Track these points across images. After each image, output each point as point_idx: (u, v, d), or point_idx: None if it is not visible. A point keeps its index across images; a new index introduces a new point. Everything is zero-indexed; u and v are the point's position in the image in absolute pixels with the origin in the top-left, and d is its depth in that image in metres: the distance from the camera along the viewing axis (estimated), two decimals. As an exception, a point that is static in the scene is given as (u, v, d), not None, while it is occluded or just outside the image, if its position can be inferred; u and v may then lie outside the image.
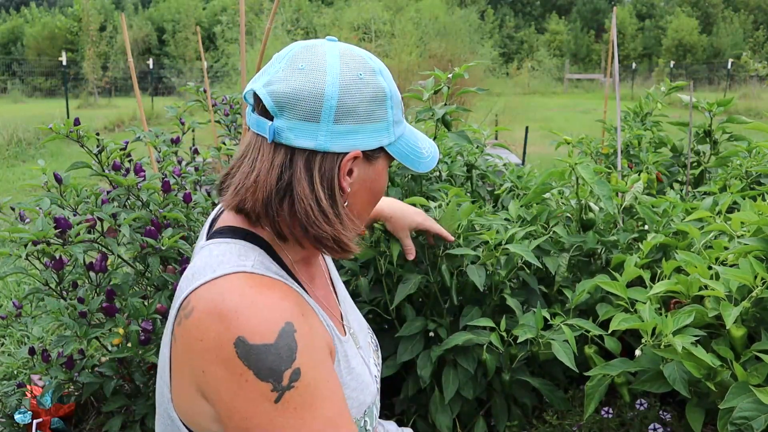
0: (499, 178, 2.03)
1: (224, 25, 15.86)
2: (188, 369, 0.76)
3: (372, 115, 0.81)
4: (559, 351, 1.33)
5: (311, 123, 0.78)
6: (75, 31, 24.42)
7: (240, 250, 0.81)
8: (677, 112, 6.88)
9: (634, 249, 1.66)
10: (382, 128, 0.83)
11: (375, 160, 0.85)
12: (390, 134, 0.84)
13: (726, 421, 1.06)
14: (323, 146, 0.79)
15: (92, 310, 1.46)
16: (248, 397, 0.71)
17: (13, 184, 6.69)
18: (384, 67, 0.85)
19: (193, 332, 0.74)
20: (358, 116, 0.80)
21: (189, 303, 0.77)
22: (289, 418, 0.71)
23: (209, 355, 0.72)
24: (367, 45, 9.87)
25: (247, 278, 0.77)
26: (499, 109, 9.57)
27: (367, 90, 0.80)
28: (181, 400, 0.80)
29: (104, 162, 1.63)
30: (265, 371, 0.70)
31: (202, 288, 0.76)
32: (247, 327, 0.71)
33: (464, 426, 1.59)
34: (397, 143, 0.86)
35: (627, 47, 31.58)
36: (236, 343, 0.71)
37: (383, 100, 0.82)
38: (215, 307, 0.73)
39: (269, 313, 0.73)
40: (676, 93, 2.46)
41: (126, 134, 9.50)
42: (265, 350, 0.71)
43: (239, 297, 0.74)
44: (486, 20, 22.27)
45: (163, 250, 1.51)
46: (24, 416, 1.74)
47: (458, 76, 1.67)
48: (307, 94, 0.77)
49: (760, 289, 1.18)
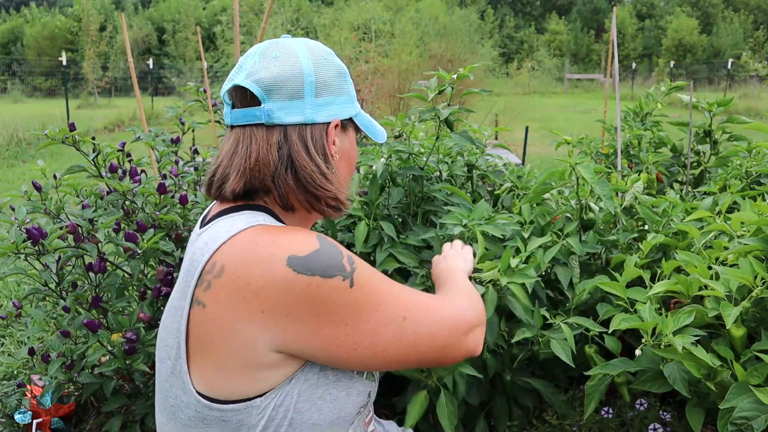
0: (499, 178, 2.03)
1: (224, 25, 15.87)
2: (239, 323, 0.77)
3: (341, 88, 0.93)
4: (557, 348, 1.33)
5: (297, 100, 0.88)
6: (75, 31, 24.43)
7: (248, 215, 0.87)
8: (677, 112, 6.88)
9: (634, 249, 1.66)
10: (349, 100, 0.94)
11: (347, 130, 0.96)
12: (355, 106, 0.96)
13: (726, 421, 1.06)
14: (311, 119, 0.89)
15: (76, 327, 1.46)
16: (327, 298, 0.78)
17: (13, 184, 6.68)
18: (331, 52, 0.96)
19: (234, 283, 0.78)
20: (332, 89, 0.91)
21: (215, 264, 0.80)
22: (371, 291, 0.81)
23: (266, 293, 0.77)
24: (367, 45, 9.86)
25: (264, 226, 0.84)
26: (499, 109, 9.57)
27: (333, 67, 0.92)
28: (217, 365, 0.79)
29: (100, 165, 1.63)
30: (329, 269, 0.78)
31: (225, 246, 0.81)
32: (291, 248, 0.78)
33: (465, 426, 1.59)
34: (359, 115, 0.98)
35: (627, 47, 31.58)
36: (289, 263, 0.77)
37: (345, 76, 0.94)
38: (249, 252, 0.79)
39: (301, 234, 0.81)
40: (676, 93, 2.46)
41: (126, 134, 9.51)
42: (318, 254, 0.78)
43: (267, 234, 0.81)
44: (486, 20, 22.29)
45: (145, 253, 1.49)
46: (24, 416, 1.74)
47: (463, 78, 1.67)
48: (289, 76, 0.87)
49: (760, 289, 1.18)
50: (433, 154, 1.87)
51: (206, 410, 0.80)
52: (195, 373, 0.81)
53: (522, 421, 1.59)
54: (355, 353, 0.81)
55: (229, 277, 0.78)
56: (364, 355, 0.82)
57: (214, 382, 0.80)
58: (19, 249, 1.36)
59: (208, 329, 0.79)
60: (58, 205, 1.61)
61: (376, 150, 1.77)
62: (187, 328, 0.81)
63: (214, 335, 0.79)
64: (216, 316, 0.78)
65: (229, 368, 0.79)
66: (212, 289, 0.79)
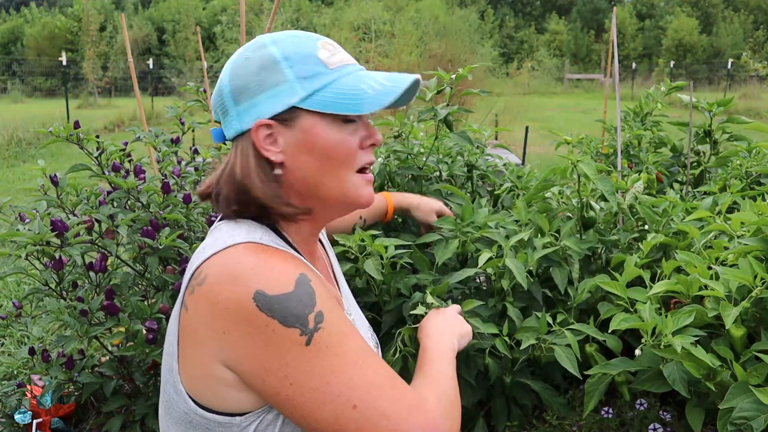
0: (499, 178, 2.03)
1: (224, 25, 15.87)
2: (206, 335, 0.77)
3: (263, 83, 0.85)
4: (561, 356, 1.33)
5: (227, 115, 0.88)
6: (75, 31, 24.43)
7: (249, 228, 0.86)
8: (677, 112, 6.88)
9: (634, 249, 1.66)
10: (283, 91, 0.85)
11: (293, 121, 0.86)
12: (297, 92, 0.85)
13: (726, 421, 1.06)
14: (238, 129, 0.87)
15: (93, 309, 1.46)
16: (278, 346, 0.74)
17: (13, 184, 6.69)
18: (287, 37, 0.88)
19: (209, 296, 0.77)
20: (250, 90, 0.86)
21: (202, 271, 0.79)
22: (324, 357, 0.74)
23: (229, 315, 0.75)
24: (367, 45, 9.87)
25: (257, 246, 0.82)
26: (499, 109, 9.57)
27: (251, 65, 0.86)
28: (190, 370, 0.80)
29: (104, 164, 1.63)
30: (290, 318, 0.73)
31: (215, 256, 0.80)
32: (264, 281, 0.75)
33: (464, 426, 1.59)
34: (315, 96, 0.85)
35: (627, 47, 31.58)
36: (255, 297, 0.74)
37: (273, 65, 0.85)
38: (230, 270, 0.77)
39: (283, 267, 0.78)
40: (676, 93, 2.46)
41: (126, 134, 9.50)
42: (286, 298, 0.74)
43: (253, 258, 0.78)
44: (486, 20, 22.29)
45: (161, 250, 1.51)
46: (24, 416, 1.74)
47: (462, 78, 1.67)
48: (216, 95, 0.90)
49: (759, 289, 1.18)
50: (432, 154, 1.86)
51: (192, 413, 0.81)
52: (183, 373, 0.82)
53: (521, 420, 1.59)
54: (292, 415, 0.76)
55: (207, 288, 0.77)
56: (299, 419, 0.76)
57: (194, 386, 0.81)
58: (44, 240, 1.37)
59: (187, 333, 0.80)
60: (75, 201, 1.62)
61: (374, 150, 1.77)
62: (178, 328, 0.82)
63: (189, 340, 0.80)
64: (192, 322, 0.79)
65: (198, 376, 0.80)
66: (194, 295, 0.79)
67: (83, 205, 1.62)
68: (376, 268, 1.41)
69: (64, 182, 1.62)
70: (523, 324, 1.43)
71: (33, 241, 1.36)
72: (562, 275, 1.53)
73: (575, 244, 1.54)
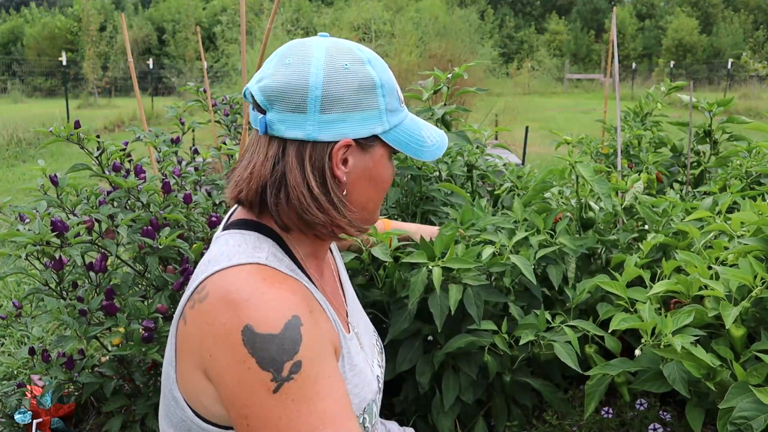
0: (499, 178, 2.03)
1: (224, 25, 15.88)
2: (197, 351, 0.78)
3: (360, 104, 0.83)
4: (561, 352, 1.33)
5: (299, 114, 0.81)
6: (75, 31, 24.44)
7: (255, 242, 0.85)
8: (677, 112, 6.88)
9: (634, 249, 1.66)
10: (373, 116, 0.84)
11: (370, 148, 0.86)
12: (383, 122, 0.86)
13: (726, 421, 1.06)
14: (312, 136, 0.81)
15: (92, 309, 1.46)
16: (249, 384, 0.72)
17: (13, 184, 6.68)
18: (375, 57, 0.87)
19: (204, 316, 0.77)
20: (344, 105, 0.82)
21: (204, 288, 0.79)
22: (286, 409, 0.72)
23: (217, 340, 0.74)
24: (367, 45, 9.87)
25: (261, 270, 0.80)
26: (499, 109, 9.57)
27: (352, 79, 0.82)
28: (186, 380, 0.81)
29: (104, 164, 1.63)
30: (267, 360, 0.72)
31: (218, 275, 0.79)
32: (255, 316, 0.73)
33: (464, 426, 1.59)
34: (393, 132, 0.87)
35: (627, 47, 31.58)
36: (243, 331, 0.73)
37: (372, 89, 0.84)
38: (228, 295, 0.76)
39: (278, 304, 0.76)
40: (676, 93, 2.46)
41: (126, 134, 9.51)
42: (270, 340, 0.73)
43: (251, 287, 0.77)
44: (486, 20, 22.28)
45: (161, 250, 1.51)
46: (24, 416, 1.74)
47: (458, 76, 1.67)
48: (293, 87, 0.81)
49: (759, 289, 1.18)
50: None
51: (190, 421, 0.82)
52: (179, 382, 0.82)
53: (521, 420, 1.59)
54: None
55: (206, 307, 0.77)
56: None
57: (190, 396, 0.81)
58: (44, 240, 1.37)
59: (183, 346, 0.81)
60: (75, 201, 1.62)
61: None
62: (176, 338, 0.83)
63: (185, 352, 0.80)
64: (188, 336, 0.79)
65: (192, 387, 0.80)
66: (193, 311, 0.79)
67: (83, 205, 1.62)
68: (383, 252, 1.42)
69: (64, 182, 1.62)
70: (521, 321, 1.44)
71: (33, 241, 1.36)
72: (558, 272, 1.54)
73: (570, 242, 1.55)
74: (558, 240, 1.56)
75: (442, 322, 1.39)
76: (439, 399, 1.52)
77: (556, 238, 1.57)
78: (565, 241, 1.54)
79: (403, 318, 1.47)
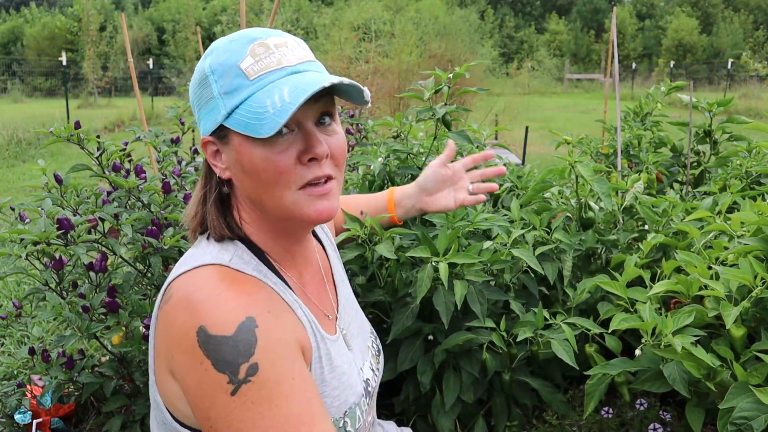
0: (499, 178, 2.03)
1: (224, 25, 15.88)
2: (164, 353, 0.79)
3: (202, 99, 0.83)
4: (558, 349, 1.33)
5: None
6: (75, 31, 24.43)
7: (223, 244, 0.86)
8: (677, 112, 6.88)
9: (634, 249, 1.66)
10: (214, 107, 0.81)
11: (227, 139, 0.82)
12: (220, 108, 0.80)
13: (726, 421, 1.06)
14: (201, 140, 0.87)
15: (95, 306, 1.46)
16: (207, 386, 0.72)
17: (13, 184, 6.68)
18: (225, 43, 0.82)
19: (167, 318, 0.78)
20: (195, 106, 0.85)
21: (170, 290, 0.81)
22: (246, 411, 0.71)
23: (177, 341, 0.75)
24: (367, 45, 9.86)
25: (221, 271, 0.81)
26: (499, 109, 9.57)
27: (195, 79, 0.84)
28: (161, 383, 0.82)
29: (104, 164, 1.63)
30: (222, 363, 0.72)
31: (182, 277, 0.81)
32: (209, 317, 0.74)
33: (464, 426, 1.59)
34: (235, 114, 0.79)
35: (627, 47, 31.58)
36: (198, 332, 0.73)
37: (205, 80, 0.81)
38: (187, 297, 0.77)
39: (232, 306, 0.75)
40: (676, 93, 2.46)
41: (126, 134, 9.51)
42: (223, 342, 0.72)
43: (209, 289, 0.77)
44: (486, 20, 22.30)
45: (165, 250, 1.51)
46: (24, 416, 1.74)
47: (459, 76, 1.67)
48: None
49: (760, 289, 1.18)
50: (432, 153, 1.86)
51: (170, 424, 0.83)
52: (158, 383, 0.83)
53: (521, 420, 1.59)
54: None
55: (169, 308, 0.78)
56: None
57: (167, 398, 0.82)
58: (48, 238, 1.37)
59: (156, 347, 0.82)
60: (78, 200, 1.63)
61: (374, 150, 1.77)
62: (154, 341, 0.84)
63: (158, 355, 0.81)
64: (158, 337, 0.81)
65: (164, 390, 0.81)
66: (161, 312, 0.80)
67: (85, 204, 1.63)
68: (388, 249, 1.41)
69: (66, 182, 1.62)
70: (520, 319, 1.44)
71: (39, 239, 1.36)
72: (553, 268, 1.54)
73: (566, 237, 1.55)
74: (554, 237, 1.56)
75: (448, 319, 1.39)
76: (439, 399, 1.52)
77: (551, 235, 1.57)
78: (561, 237, 1.55)
79: (405, 316, 1.47)
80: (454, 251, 1.39)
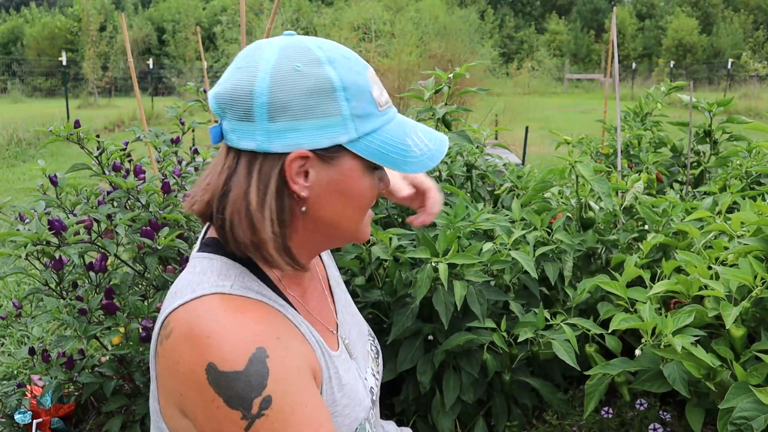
0: (499, 178, 2.03)
1: (224, 25, 15.89)
2: (170, 389, 0.76)
3: (314, 110, 0.74)
4: (559, 350, 1.34)
5: (248, 123, 0.74)
6: (75, 31, 24.43)
7: (221, 268, 0.80)
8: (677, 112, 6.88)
9: (634, 249, 1.66)
10: (334, 124, 0.75)
11: (334, 160, 0.76)
12: (348, 130, 0.75)
13: (726, 421, 1.06)
14: (263, 147, 0.74)
15: (92, 308, 1.46)
16: (220, 423, 0.70)
17: (13, 184, 6.68)
18: (341, 56, 0.77)
19: (171, 355, 0.74)
20: (294, 112, 0.73)
21: (168, 324, 0.76)
22: None
23: (185, 379, 0.72)
24: (367, 45, 9.87)
25: (223, 300, 0.76)
26: (499, 109, 9.57)
27: (304, 82, 0.73)
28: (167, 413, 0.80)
29: (104, 163, 1.63)
30: (235, 399, 0.69)
31: (180, 309, 0.75)
32: (217, 353, 0.70)
33: (464, 426, 1.59)
34: (365, 140, 0.77)
35: (627, 47, 31.58)
36: (207, 369, 0.70)
37: (330, 92, 0.74)
38: (190, 331, 0.73)
39: (240, 339, 0.72)
40: (676, 93, 2.46)
41: (126, 134, 9.50)
42: (235, 377, 0.70)
43: (213, 322, 0.73)
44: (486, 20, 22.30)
45: (160, 250, 1.51)
46: (24, 416, 1.74)
47: (459, 76, 1.67)
48: (240, 93, 0.74)
49: (759, 289, 1.18)
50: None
51: None
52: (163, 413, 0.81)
53: (521, 420, 1.59)
54: None
55: (170, 345, 0.74)
56: None
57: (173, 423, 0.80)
58: (41, 239, 1.37)
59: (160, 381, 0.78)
60: (74, 200, 1.62)
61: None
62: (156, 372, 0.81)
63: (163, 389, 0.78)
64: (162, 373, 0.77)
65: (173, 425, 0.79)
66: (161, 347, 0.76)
67: (83, 205, 1.63)
68: (383, 251, 1.42)
69: (63, 182, 1.62)
70: (521, 319, 1.44)
71: (31, 240, 1.36)
72: (554, 269, 1.54)
73: (567, 238, 1.55)
74: (555, 237, 1.56)
75: (448, 319, 1.39)
76: (439, 399, 1.52)
77: (552, 235, 1.57)
78: (561, 237, 1.55)
79: (405, 316, 1.47)
80: (453, 252, 1.39)
